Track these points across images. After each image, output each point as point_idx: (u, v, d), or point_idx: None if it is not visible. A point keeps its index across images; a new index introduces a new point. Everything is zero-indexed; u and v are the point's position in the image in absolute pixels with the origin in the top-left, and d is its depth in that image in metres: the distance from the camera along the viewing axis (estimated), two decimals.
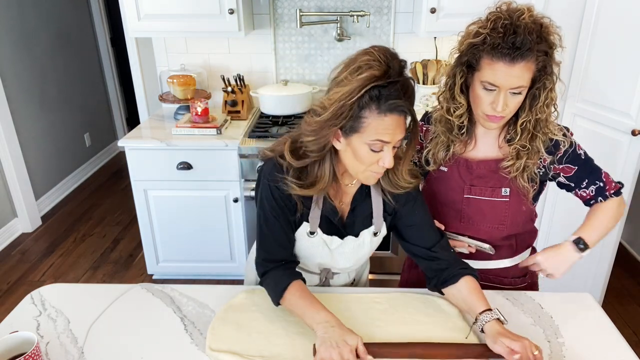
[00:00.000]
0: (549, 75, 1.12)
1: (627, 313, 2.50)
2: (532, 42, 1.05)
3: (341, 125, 1.04)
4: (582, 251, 1.22)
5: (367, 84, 0.99)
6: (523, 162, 1.20)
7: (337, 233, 1.24)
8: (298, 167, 1.12)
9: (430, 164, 1.31)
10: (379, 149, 1.05)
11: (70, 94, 4.03)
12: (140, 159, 2.40)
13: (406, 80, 1.04)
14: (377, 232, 1.26)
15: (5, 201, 3.22)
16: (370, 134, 1.03)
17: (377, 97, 1.00)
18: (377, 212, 1.23)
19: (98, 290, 1.34)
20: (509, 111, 1.14)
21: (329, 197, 1.20)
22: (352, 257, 1.28)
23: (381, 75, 1.00)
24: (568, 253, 1.23)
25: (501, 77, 1.08)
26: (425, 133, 1.35)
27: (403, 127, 1.05)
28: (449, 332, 1.14)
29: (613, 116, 2.03)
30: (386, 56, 1.01)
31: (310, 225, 1.21)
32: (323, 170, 1.12)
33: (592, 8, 2.05)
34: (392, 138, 1.04)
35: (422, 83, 2.68)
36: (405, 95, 1.03)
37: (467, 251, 1.30)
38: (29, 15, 3.49)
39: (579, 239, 1.23)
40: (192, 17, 2.38)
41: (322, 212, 1.20)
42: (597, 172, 1.26)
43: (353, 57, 1.04)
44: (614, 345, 1.12)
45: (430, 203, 1.38)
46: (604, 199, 1.27)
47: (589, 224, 1.27)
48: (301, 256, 1.28)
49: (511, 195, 1.25)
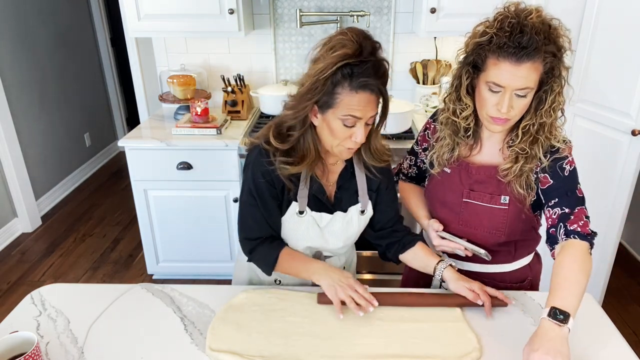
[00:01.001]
0: (557, 78, 1.10)
1: (627, 313, 2.51)
2: (539, 42, 1.03)
3: (316, 100, 1.11)
4: (563, 322, 0.98)
5: (339, 61, 1.06)
6: (519, 166, 1.17)
7: (326, 210, 1.28)
8: (284, 149, 1.18)
9: (435, 167, 1.30)
10: (351, 124, 1.12)
11: (70, 94, 4.03)
12: (140, 159, 2.40)
13: (379, 60, 1.10)
14: (364, 210, 1.31)
15: (5, 201, 3.22)
16: (342, 110, 1.10)
17: (349, 75, 1.07)
18: (362, 190, 1.30)
19: (98, 290, 1.34)
20: (514, 114, 1.11)
21: (315, 176, 1.25)
22: (342, 236, 1.31)
23: (353, 53, 1.07)
24: (552, 332, 0.98)
25: (507, 78, 1.07)
26: (433, 130, 1.35)
27: (374, 104, 1.12)
28: (449, 331, 1.14)
29: (613, 116, 2.03)
30: (359, 37, 1.09)
31: (299, 205, 1.25)
32: (308, 145, 1.19)
33: (592, 8, 2.05)
34: (364, 114, 1.11)
35: (422, 83, 2.67)
36: (377, 74, 1.09)
37: (464, 254, 1.29)
38: (28, 15, 3.49)
39: (552, 309, 1.00)
40: (192, 17, 2.38)
41: (309, 191, 1.25)
42: (572, 198, 1.15)
43: (329, 37, 1.12)
44: (614, 345, 1.12)
45: (431, 201, 1.38)
46: (566, 235, 1.12)
47: (554, 287, 1.05)
48: (292, 239, 1.32)
49: (510, 203, 1.23)
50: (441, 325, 1.17)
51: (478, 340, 1.12)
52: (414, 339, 1.12)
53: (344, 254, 1.44)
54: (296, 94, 1.15)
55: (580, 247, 1.11)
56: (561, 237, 1.14)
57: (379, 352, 1.09)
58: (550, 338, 0.97)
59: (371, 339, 1.13)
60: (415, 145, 1.43)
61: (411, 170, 1.46)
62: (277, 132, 1.19)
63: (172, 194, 2.47)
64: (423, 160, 1.40)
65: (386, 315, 1.20)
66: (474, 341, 1.11)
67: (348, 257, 1.49)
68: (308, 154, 1.19)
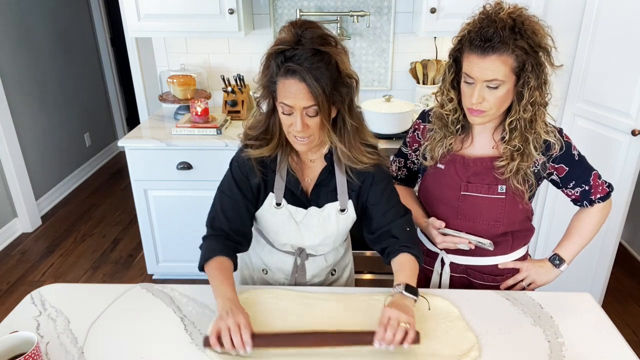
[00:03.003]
0: (531, 73, 1.12)
1: (627, 313, 2.51)
2: (505, 36, 1.08)
3: (264, 84, 1.14)
4: (558, 267, 1.34)
5: (274, 46, 1.10)
6: (516, 165, 1.20)
7: (301, 205, 1.28)
8: (255, 134, 1.23)
9: (428, 159, 1.32)
10: (287, 112, 1.12)
11: (70, 94, 4.04)
12: (140, 159, 2.40)
13: (315, 49, 1.07)
14: (344, 210, 1.29)
15: (5, 201, 3.22)
16: (280, 96, 1.12)
17: (282, 61, 1.08)
18: (341, 188, 1.27)
19: (98, 290, 1.33)
20: (488, 106, 1.15)
21: (291, 170, 1.26)
22: (319, 232, 1.31)
23: (288, 40, 1.08)
24: (548, 268, 1.35)
25: (475, 70, 1.12)
26: (423, 131, 1.36)
27: (306, 93, 1.08)
28: (448, 330, 1.14)
29: (613, 116, 2.03)
30: (299, 25, 1.10)
31: (276, 196, 1.27)
32: (275, 128, 1.20)
33: (592, 8, 2.05)
34: (294, 102, 1.10)
35: (422, 83, 2.68)
36: (308, 62, 1.06)
37: (468, 247, 1.31)
38: (29, 15, 3.49)
39: (555, 255, 1.34)
40: (192, 17, 2.38)
41: (285, 184, 1.26)
42: (586, 174, 1.28)
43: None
44: (614, 345, 1.12)
45: (427, 200, 1.38)
46: (589, 204, 1.31)
47: (567, 238, 1.35)
48: (271, 232, 1.33)
49: (507, 192, 1.26)
50: (441, 325, 1.17)
51: (477, 339, 1.12)
52: None
53: (331, 255, 1.42)
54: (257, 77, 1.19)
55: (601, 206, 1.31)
56: (587, 205, 1.32)
57: (379, 352, 1.08)
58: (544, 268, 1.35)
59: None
60: (404, 147, 1.44)
61: (400, 172, 1.47)
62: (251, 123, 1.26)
63: (172, 194, 2.47)
64: (413, 161, 1.41)
65: None
66: (473, 340, 1.11)
67: (339, 265, 1.47)
68: (274, 137, 1.21)
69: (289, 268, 1.39)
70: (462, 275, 1.40)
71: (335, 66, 1.09)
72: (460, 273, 1.40)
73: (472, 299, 1.27)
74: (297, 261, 1.38)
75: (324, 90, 1.08)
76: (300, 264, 1.38)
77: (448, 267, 1.39)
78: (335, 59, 1.09)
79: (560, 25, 2.12)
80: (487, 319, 1.19)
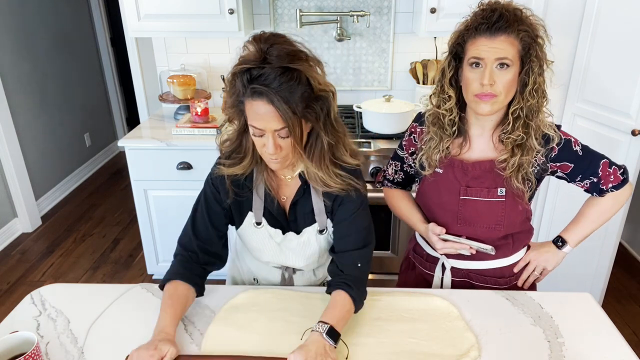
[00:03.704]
0: (534, 59, 1.14)
1: (627, 313, 2.51)
2: (510, 18, 1.11)
3: (233, 103, 1.08)
4: (560, 248, 1.35)
5: (239, 65, 1.03)
6: (517, 159, 1.19)
7: (280, 227, 1.26)
8: (228, 151, 1.18)
9: (426, 168, 1.30)
10: (258, 134, 1.06)
11: (70, 94, 4.04)
12: (140, 159, 2.40)
13: (283, 67, 0.99)
14: (323, 230, 1.24)
15: (5, 201, 3.22)
16: (249, 118, 1.05)
17: (248, 80, 1.01)
18: (318, 209, 1.22)
19: (98, 290, 1.34)
20: (499, 89, 1.14)
21: (268, 189, 1.22)
22: (300, 255, 1.28)
23: (253, 58, 1.01)
24: (553, 252, 1.37)
25: (484, 50, 1.13)
26: (419, 134, 1.35)
27: (275, 116, 1.01)
28: (448, 330, 1.14)
29: (613, 116, 2.03)
30: (264, 41, 1.01)
31: (255, 215, 1.24)
32: (248, 145, 1.15)
33: (592, 8, 2.05)
34: (264, 125, 1.03)
35: (422, 83, 2.67)
36: (277, 82, 0.98)
37: (469, 252, 1.29)
38: (29, 16, 3.49)
39: (558, 237, 1.36)
40: (192, 17, 2.38)
41: (264, 203, 1.22)
42: (594, 166, 1.26)
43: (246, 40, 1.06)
44: (614, 345, 1.12)
45: (426, 205, 1.37)
46: (599, 194, 1.30)
47: (574, 222, 1.37)
48: (253, 250, 1.31)
49: (507, 195, 1.25)
50: (440, 325, 1.17)
51: (477, 339, 1.12)
52: (413, 339, 1.12)
53: (320, 270, 1.38)
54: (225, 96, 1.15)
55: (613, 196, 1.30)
56: (597, 196, 1.31)
57: (379, 352, 1.09)
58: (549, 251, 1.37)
59: (370, 338, 1.13)
60: (400, 150, 1.42)
61: (397, 176, 1.45)
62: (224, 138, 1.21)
63: (172, 194, 2.47)
64: (410, 165, 1.40)
65: (385, 315, 1.20)
66: (473, 340, 1.11)
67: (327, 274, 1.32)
68: (247, 155, 1.16)
69: (277, 281, 1.38)
70: (464, 279, 1.39)
71: (307, 82, 1.02)
72: (461, 277, 1.39)
73: (472, 299, 1.27)
74: (284, 275, 1.37)
75: (294, 111, 1.01)
76: (288, 277, 1.37)
77: (449, 271, 1.39)
78: (307, 75, 1.02)
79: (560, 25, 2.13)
80: (487, 319, 1.19)
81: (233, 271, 1.50)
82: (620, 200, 1.30)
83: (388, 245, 2.48)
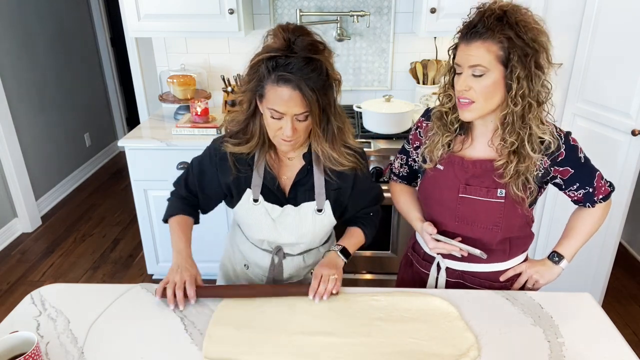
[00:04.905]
0: (517, 64, 1.09)
1: (627, 313, 2.51)
2: (490, 23, 1.09)
3: (251, 87, 1.16)
4: (557, 264, 1.34)
5: (264, 52, 1.12)
6: (514, 167, 1.18)
7: (277, 202, 1.31)
8: (235, 130, 1.26)
9: (427, 162, 1.31)
10: (277, 117, 1.15)
11: (70, 94, 4.04)
12: (140, 159, 2.40)
13: (308, 57, 1.10)
14: (321, 210, 1.32)
15: (5, 201, 3.22)
16: (269, 102, 1.14)
17: (273, 67, 1.11)
18: (318, 189, 1.30)
19: (98, 290, 1.34)
20: (475, 95, 1.14)
21: (269, 168, 1.29)
22: (295, 231, 1.33)
23: (279, 47, 1.10)
24: (548, 266, 1.35)
25: (460, 56, 1.14)
26: (425, 129, 1.35)
27: (298, 101, 1.12)
28: (447, 330, 1.15)
29: (613, 116, 2.03)
30: (291, 32, 1.12)
31: (253, 192, 1.30)
32: (255, 129, 1.24)
33: (592, 8, 2.05)
34: (286, 110, 1.13)
35: (422, 83, 2.68)
36: (302, 71, 1.09)
37: (459, 254, 1.29)
38: (29, 15, 3.49)
39: (554, 253, 1.35)
40: (192, 17, 2.38)
41: (263, 181, 1.28)
42: (591, 176, 1.27)
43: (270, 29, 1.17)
44: (614, 345, 1.12)
45: (425, 201, 1.38)
46: (591, 205, 1.30)
47: (567, 236, 1.36)
48: (247, 227, 1.37)
49: (507, 196, 1.24)
50: (440, 325, 1.17)
51: (476, 339, 1.12)
52: (412, 339, 1.12)
53: (311, 255, 1.43)
54: (242, 79, 1.23)
55: (602, 206, 1.32)
56: (589, 206, 1.32)
57: (379, 352, 1.09)
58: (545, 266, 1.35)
59: (371, 338, 1.13)
60: (407, 144, 1.43)
61: (402, 169, 1.46)
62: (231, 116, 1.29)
63: None
64: (415, 159, 1.41)
65: (386, 315, 1.20)
66: (472, 340, 1.11)
67: (316, 261, 1.42)
68: (253, 137, 1.24)
69: (266, 265, 1.41)
70: (458, 280, 1.39)
71: (325, 71, 1.13)
72: (456, 278, 1.39)
73: (472, 299, 1.27)
74: (274, 259, 1.39)
75: (317, 97, 1.12)
76: (277, 262, 1.39)
77: (444, 271, 1.39)
78: (326, 65, 1.13)
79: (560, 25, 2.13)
80: (486, 319, 1.19)
81: (224, 259, 1.55)
82: (607, 210, 1.33)
83: (388, 245, 2.48)
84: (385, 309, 1.22)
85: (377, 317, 1.19)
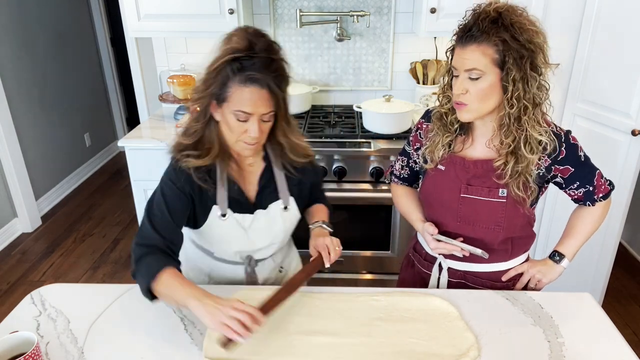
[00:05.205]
0: (512, 66, 1.09)
1: (627, 313, 2.51)
2: (485, 26, 1.09)
3: (211, 93, 1.15)
4: (558, 263, 1.34)
5: (226, 54, 1.11)
6: (511, 167, 1.18)
7: (247, 211, 1.30)
8: (188, 143, 1.21)
9: (428, 162, 1.31)
10: (243, 119, 1.14)
11: (70, 94, 4.04)
12: (140, 159, 2.40)
13: (271, 58, 1.12)
14: (287, 206, 1.33)
15: (5, 201, 3.22)
16: (234, 104, 1.13)
17: (238, 69, 1.10)
18: (281, 187, 1.32)
19: (98, 290, 1.34)
20: (470, 98, 1.15)
21: (232, 177, 1.26)
22: (267, 234, 1.33)
23: (242, 48, 1.10)
24: (550, 266, 1.35)
25: (456, 60, 1.15)
26: (425, 130, 1.35)
27: (265, 100, 1.13)
28: (447, 330, 1.15)
29: (613, 116, 2.03)
30: (252, 34, 1.13)
31: (220, 208, 1.26)
32: (212, 138, 1.21)
33: (592, 8, 2.05)
34: (254, 110, 1.13)
35: (422, 83, 2.68)
36: (268, 70, 1.11)
37: (461, 254, 1.29)
38: (29, 15, 3.49)
39: (555, 252, 1.35)
40: (192, 17, 2.38)
41: (228, 193, 1.26)
42: (591, 174, 1.27)
43: (228, 33, 1.17)
44: (614, 345, 1.12)
45: (427, 202, 1.37)
46: (591, 204, 1.31)
47: (568, 236, 1.36)
48: (219, 244, 1.33)
49: (508, 196, 1.24)
50: (440, 325, 1.17)
51: (476, 339, 1.12)
52: (412, 339, 1.12)
53: (278, 255, 1.43)
54: (195, 87, 1.21)
55: (602, 205, 1.32)
56: (589, 205, 1.32)
57: (379, 352, 1.09)
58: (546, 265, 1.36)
59: (371, 338, 1.13)
60: (407, 145, 1.43)
61: (403, 171, 1.46)
62: (185, 128, 1.25)
63: None
64: (415, 161, 1.40)
65: (386, 315, 1.20)
66: (472, 340, 1.11)
67: (285, 261, 1.48)
68: (213, 146, 1.21)
69: (238, 277, 1.39)
70: (460, 280, 1.38)
71: (285, 71, 1.17)
72: (458, 278, 1.38)
73: (472, 299, 1.27)
74: (247, 270, 1.37)
75: (283, 95, 1.16)
76: (250, 271, 1.38)
77: (446, 271, 1.39)
78: (283, 64, 1.16)
79: (560, 25, 2.13)
80: (487, 319, 1.19)
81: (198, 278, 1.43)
82: (607, 209, 1.34)
83: (388, 245, 2.48)
84: (385, 309, 1.22)
85: (377, 317, 1.19)
